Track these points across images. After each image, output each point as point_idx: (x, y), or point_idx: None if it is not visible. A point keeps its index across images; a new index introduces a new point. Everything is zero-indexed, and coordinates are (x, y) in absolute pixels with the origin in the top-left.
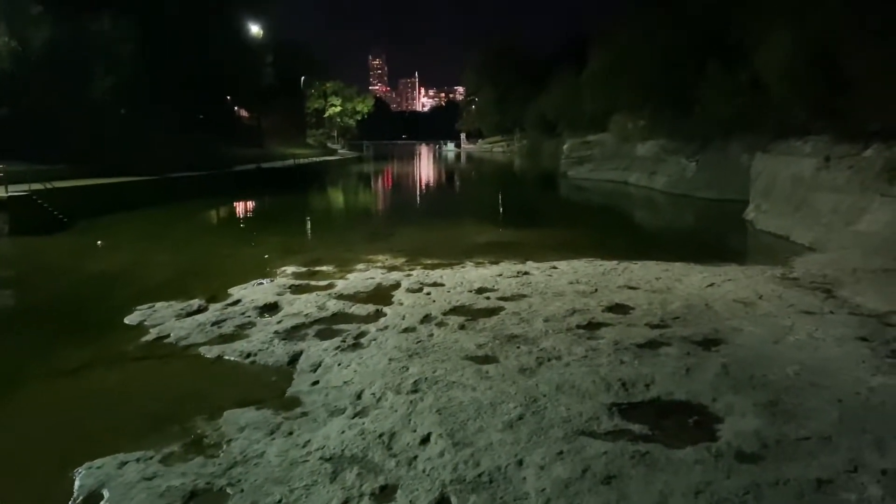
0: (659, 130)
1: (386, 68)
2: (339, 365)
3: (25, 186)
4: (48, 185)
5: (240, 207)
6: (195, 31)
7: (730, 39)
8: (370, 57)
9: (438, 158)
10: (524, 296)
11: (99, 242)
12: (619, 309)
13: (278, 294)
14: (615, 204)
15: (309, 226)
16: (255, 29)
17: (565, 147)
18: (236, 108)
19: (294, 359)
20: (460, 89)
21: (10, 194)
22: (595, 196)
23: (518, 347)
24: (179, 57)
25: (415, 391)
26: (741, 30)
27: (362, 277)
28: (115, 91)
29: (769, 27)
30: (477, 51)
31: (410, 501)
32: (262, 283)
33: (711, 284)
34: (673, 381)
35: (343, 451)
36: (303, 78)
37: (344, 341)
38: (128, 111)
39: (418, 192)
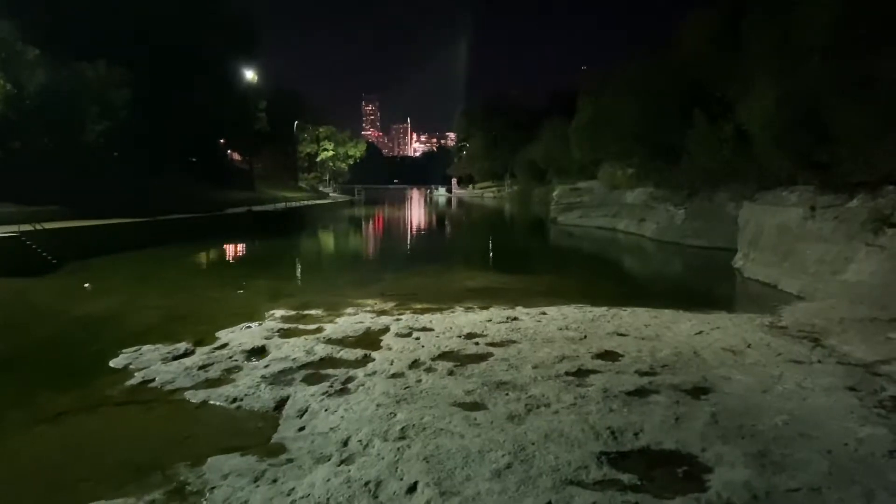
0: (647, 178)
1: (378, 114)
2: (326, 411)
3: (15, 227)
4: (38, 226)
5: (230, 250)
6: (188, 77)
7: (715, 91)
8: (363, 102)
9: (429, 203)
10: (513, 342)
11: (86, 285)
12: (608, 356)
13: (266, 338)
14: (604, 250)
15: (299, 270)
16: (249, 75)
17: (555, 193)
18: (229, 151)
19: (280, 404)
20: (451, 135)
21: None
22: (584, 242)
23: (507, 394)
24: (172, 102)
25: (402, 438)
26: (725, 82)
27: (351, 321)
28: (108, 135)
29: (752, 80)
30: (468, 99)
31: None
32: (250, 327)
33: (700, 332)
34: (662, 429)
35: (328, 499)
36: (295, 123)
37: (331, 386)
38: (120, 154)
39: (409, 237)
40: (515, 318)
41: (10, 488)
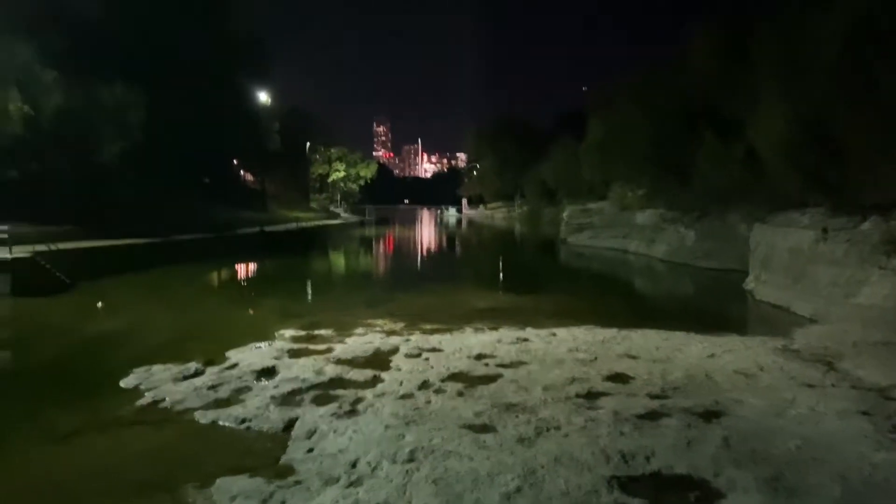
0: (658, 199)
1: (390, 135)
2: (335, 432)
3: (30, 248)
4: (52, 247)
5: (242, 270)
6: (203, 98)
7: (724, 109)
8: (374, 123)
9: (440, 223)
10: (523, 363)
11: (99, 304)
12: (618, 378)
13: (276, 358)
14: (614, 271)
15: (309, 289)
16: (262, 96)
17: (565, 214)
18: (242, 171)
19: (289, 425)
20: (462, 156)
21: (13, 256)
22: (594, 263)
23: (517, 416)
24: (187, 122)
25: (411, 460)
26: (734, 100)
27: (361, 342)
28: (123, 155)
29: (761, 98)
30: (478, 120)
31: None
32: (259, 347)
33: (712, 355)
34: (674, 453)
35: None
36: (307, 144)
37: (340, 407)
38: (135, 175)
39: (419, 257)
40: (525, 340)
41: None
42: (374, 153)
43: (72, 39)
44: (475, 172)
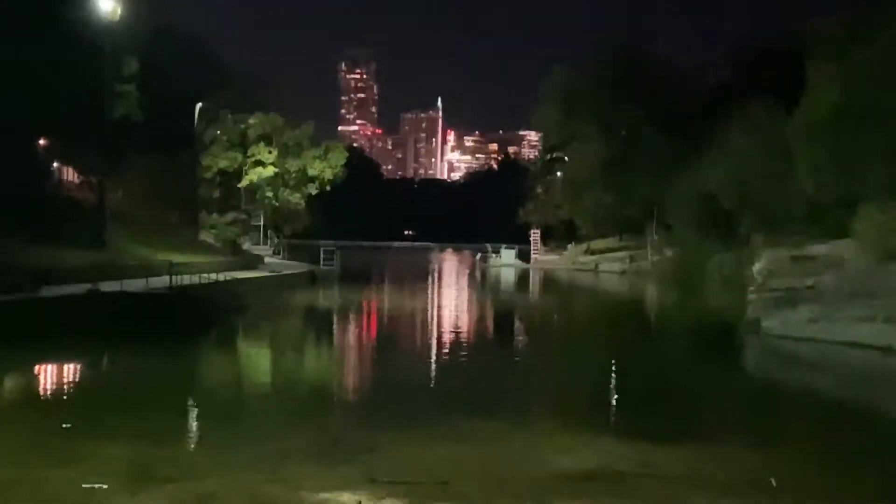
0: None
1: (375, 89)
2: None
3: None
4: None
5: (51, 375)
6: None
7: None
8: (341, 65)
9: (480, 282)
10: None
11: None
12: None
13: None
14: (873, 403)
15: (195, 420)
16: (106, 6)
17: (757, 267)
18: (56, 165)
19: None
20: (530, 136)
21: None
22: (825, 379)
23: None
24: None
25: None
26: None
27: None
28: None
29: None
30: (565, 64)
31: None
32: None
33: None
34: None
35: None
36: (198, 106)
37: None
38: None
39: (432, 355)
40: None
41: None
42: (340, 128)
43: None
44: (557, 174)
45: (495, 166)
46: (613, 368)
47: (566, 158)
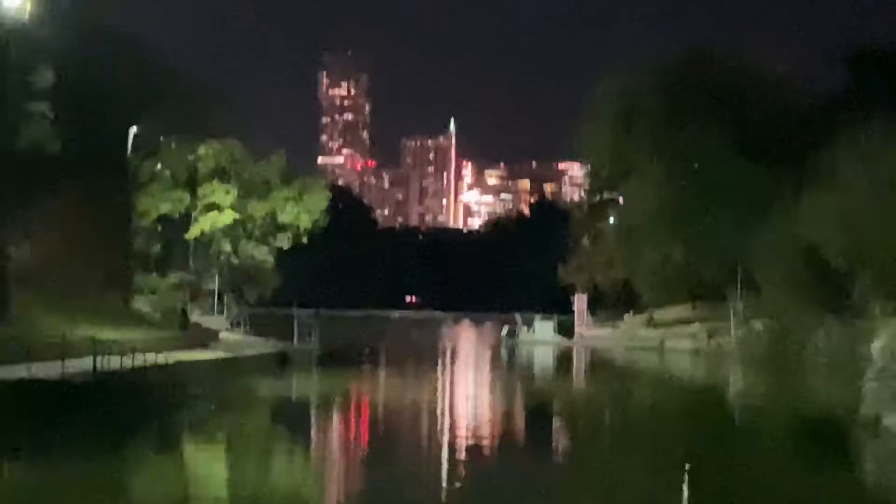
0: None
1: (366, 106)
2: None
3: None
4: None
5: None
6: None
7: None
8: (323, 74)
9: (506, 367)
10: None
11: None
12: None
13: None
14: None
15: None
16: (10, 2)
17: (877, 345)
18: None
19: None
20: (572, 170)
21: None
22: None
23: None
24: None
25: None
26: None
27: None
28: None
29: None
30: (620, 71)
31: None
32: None
33: None
34: None
35: None
36: (132, 131)
37: None
38: None
39: (443, 478)
40: None
41: None
42: (320, 158)
43: None
44: (611, 220)
45: (526, 210)
46: (682, 476)
47: (621, 200)
